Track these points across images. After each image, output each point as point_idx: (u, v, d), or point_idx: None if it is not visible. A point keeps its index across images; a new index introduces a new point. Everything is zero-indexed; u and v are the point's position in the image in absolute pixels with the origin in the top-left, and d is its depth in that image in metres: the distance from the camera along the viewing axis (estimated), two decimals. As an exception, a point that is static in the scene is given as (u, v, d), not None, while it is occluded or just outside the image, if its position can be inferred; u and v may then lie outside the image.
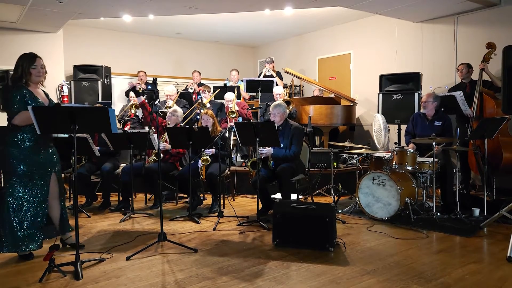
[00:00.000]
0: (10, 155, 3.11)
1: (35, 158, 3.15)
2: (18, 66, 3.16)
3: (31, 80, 3.17)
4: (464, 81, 5.49)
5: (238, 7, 6.19)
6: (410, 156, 4.35)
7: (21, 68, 3.15)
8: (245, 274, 2.90)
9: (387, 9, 6.17)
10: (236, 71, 7.60)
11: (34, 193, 3.17)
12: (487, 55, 5.17)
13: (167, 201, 5.43)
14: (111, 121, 2.90)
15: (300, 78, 7.68)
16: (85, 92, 7.14)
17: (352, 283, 2.75)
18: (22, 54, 3.22)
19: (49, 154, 3.27)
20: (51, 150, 3.31)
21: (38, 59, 3.20)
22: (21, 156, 3.11)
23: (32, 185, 3.15)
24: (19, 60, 3.19)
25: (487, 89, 5.18)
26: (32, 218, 3.15)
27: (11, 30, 6.63)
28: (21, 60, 3.17)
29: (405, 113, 5.98)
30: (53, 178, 3.28)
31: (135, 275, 2.90)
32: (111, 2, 5.67)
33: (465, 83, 5.47)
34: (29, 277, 2.88)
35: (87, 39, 8.10)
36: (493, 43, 5.17)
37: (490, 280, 2.79)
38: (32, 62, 3.16)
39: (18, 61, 3.18)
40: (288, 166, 4.38)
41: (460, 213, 4.22)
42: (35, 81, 3.20)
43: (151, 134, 4.42)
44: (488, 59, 5.17)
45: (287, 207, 3.55)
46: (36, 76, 3.18)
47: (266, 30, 8.58)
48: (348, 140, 5.29)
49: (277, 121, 4.52)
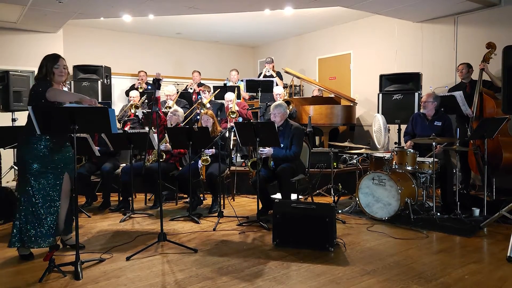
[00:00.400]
0: (25, 154, 3.17)
1: (49, 157, 3.19)
2: (43, 66, 3.23)
3: (54, 79, 3.23)
4: (464, 81, 5.49)
5: (238, 7, 6.19)
6: (410, 156, 4.35)
7: (45, 68, 3.21)
8: (245, 274, 2.90)
9: (387, 9, 6.17)
10: (236, 71, 7.60)
11: (48, 191, 3.20)
12: (487, 55, 5.17)
13: (167, 201, 5.43)
14: (111, 121, 2.90)
15: (300, 78, 7.68)
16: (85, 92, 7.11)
17: (352, 283, 2.75)
18: (47, 55, 3.29)
19: (64, 153, 3.31)
20: (67, 150, 3.35)
21: (61, 59, 3.27)
22: (36, 155, 3.15)
23: (46, 184, 3.19)
24: (43, 60, 3.26)
25: (487, 89, 5.18)
26: (45, 216, 3.18)
27: (11, 30, 6.63)
28: (45, 61, 3.25)
29: (405, 113, 5.97)
30: (66, 177, 3.32)
31: (135, 275, 2.90)
32: (111, 2, 5.67)
33: (465, 83, 5.47)
34: (29, 277, 2.88)
35: (87, 39, 8.09)
36: (493, 43, 5.17)
37: (490, 280, 2.79)
38: (55, 62, 3.23)
39: (42, 61, 3.25)
40: (288, 166, 4.38)
41: (460, 213, 4.22)
42: (58, 81, 3.26)
43: (151, 134, 4.42)
44: (488, 59, 5.17)
45: (287, 207, 3.55)
46: (59, 75, 3.24)
47: (266, 30, 8.58)
48: (348, 140, 5.29)
49: (277, 121, 4.52)
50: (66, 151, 3.34)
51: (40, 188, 3.16)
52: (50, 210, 3.20)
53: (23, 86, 5.73)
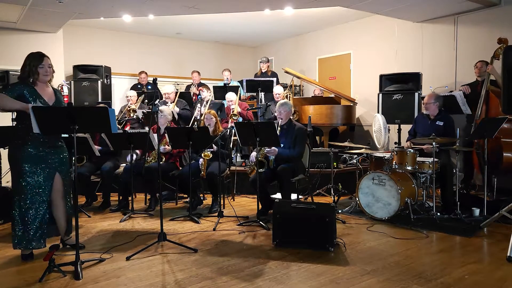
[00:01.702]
0: (16, 154, 3.14)
1: (40, 158, 3.16)
2: (26, 65, 3.16)
3: (38, 79, 3.17)
4: (479, 79, 5.36)
5: (238, 7, 6.19)
6: (410, 156, 4.35)
7: (29, 67, 3.14)
8: (245, 274, 2.90)
9: (387, 9, 6.17)
10: (228, 71, 7.60)
11: (38, 192, 3.17)
12: (497, 51, 5.01)
13: (167, 201, 5.43)
14: (111, 121, 2.90)
15: (300, 78, 7.68)
16: (85, 92, 7.14)
17: (352, 283, 2.75)
18: (30, 53, 3.20)
19: (57, 154, 3.26)
20: (61, 151, 3.31)
21: (45, 58, 3.20)
22: (28, 154, 3.12)
23: (37, 185, 3.15)
24: (26, 59, 3.17)
25: (494, 87, 5.09)
26: (36, 216, 3.16)
27: (11, 30, 6.63)
28: (28, 60, 3.16)
29: (405, 113, 5.98)
30: (57, 178, 3.26)
31: (135, 275, 2.90)
32: (111, 2, 5.66)
33: (478, 81, 5.35)
34: (29, 277, 2.88)
35: (87, 39, 8.09)
36: (505, 38, 4.98)
37: (490, 280, 2.79)
38: (40, 61, 3.16)
39: (25, 60, 3.17)
40: (289, 166, 4.38)
41: (460, 213, 4.22)
42: (43, 80, 3.20)
43: (151, 134, 4.41)
44: (498, 56, 4.99)
45: (287, 207, 3.55)
46: (44, 75, 3.17)
47: (266, 30, 8.58)
48: (348, 140, 5.29)
49: (282, 120, 4.54)
50: (60, 152, 3.30)
51: (29, 188, 3.13)
52: (38, 212, 3.17)
53: (23, 86, 5.72)
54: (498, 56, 5.04)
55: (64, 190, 3.32)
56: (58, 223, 3.34)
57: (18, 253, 3.30)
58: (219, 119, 5.16)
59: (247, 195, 5.76)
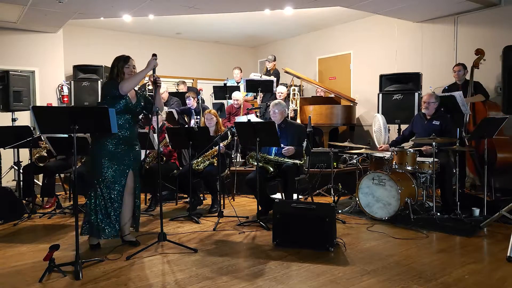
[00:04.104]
0: (96, 153, 3.35)
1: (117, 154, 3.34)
2: (114, 66, 3.45)
3: (124, 79, 3.39)
4: (459, 82, 5.44)
5: (238, 7, 6.19)
6: (410, 156, 4.35)
7: (117, 68, 3.42)
8: (245, 274, 2.90)
9: (387, 9, 6.17)
10: (239, 69, 7.57)
11: (113, 186, 3.34)
12: (476, 61, 5.21)
13: (167, 201, 5.43)
14: (111, 121, 2.90)
15: (300, 78, 7.68)
16: (85, 92, 7.13)
17: (352, 283, 2.75)
18: (117, 56, 3.50)
19: (132, 151, 3.44)
20: (134, 149, 3.47)
21: (131, 60, 3.50)
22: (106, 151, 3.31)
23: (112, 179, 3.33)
24: (114, 61, 3.47)
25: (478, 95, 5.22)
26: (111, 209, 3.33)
27: (11, 30, 6.62)
28: (116, 61, 3.47)
29: (405, 113, 5.97)
30: (130, 175, 3.44)
31: (135, 275, 2.90)
32: (111, 2, 5.66)
33: (458, 84, 5.43)
34: (29, 277, 2.88)
35: (87, 39, 8.09)
36: (481, 49, 5.24)
37: (490, 280, 2.79)
38: (126, 62, 3.45)
39: (113, 62, 3.47)
40: (294, 165, 4.38)
41: (460, 213, 4.22)
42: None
43: (151, 134, 4.41)
44: (477, 65, 5.21)
45: (287, 207, 3.55)
46: (128, 75, 3.43)
47: (266, 30, 8.58)
48: (348, 140, 5.29)
49: (277, 119, 4.55)
50: (135, 151, 3.48)
51: (106, 182, 3.31)
52: (113, 204, 3.35)
53: (23, 86, 5.73)
54: (478, 65, 5.22)
55: (133, 187, 3.49)
56: (121, 218, 3.44)
57: (18, 252, 3.30)
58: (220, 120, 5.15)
59: (247, 195, 5.75)
